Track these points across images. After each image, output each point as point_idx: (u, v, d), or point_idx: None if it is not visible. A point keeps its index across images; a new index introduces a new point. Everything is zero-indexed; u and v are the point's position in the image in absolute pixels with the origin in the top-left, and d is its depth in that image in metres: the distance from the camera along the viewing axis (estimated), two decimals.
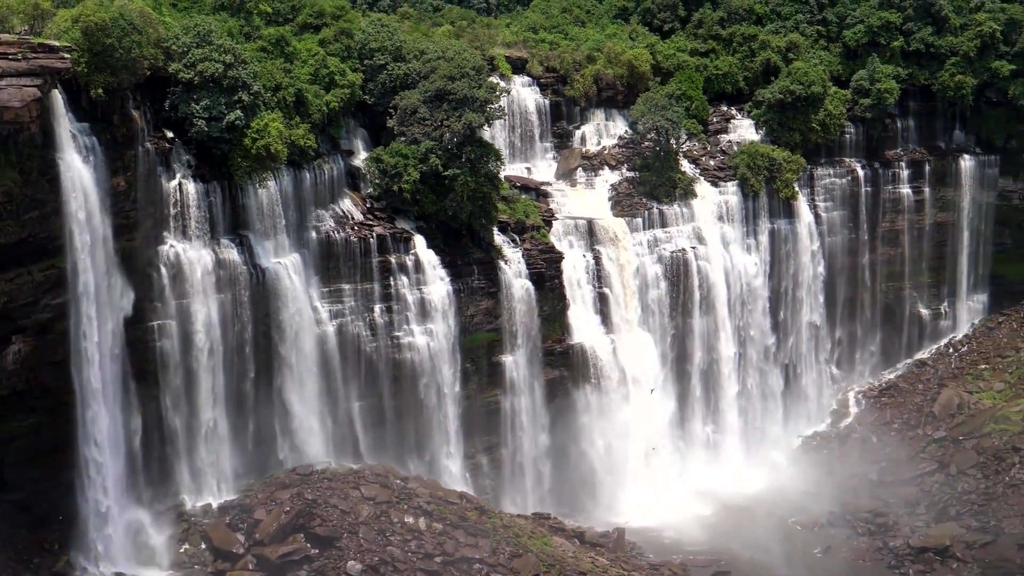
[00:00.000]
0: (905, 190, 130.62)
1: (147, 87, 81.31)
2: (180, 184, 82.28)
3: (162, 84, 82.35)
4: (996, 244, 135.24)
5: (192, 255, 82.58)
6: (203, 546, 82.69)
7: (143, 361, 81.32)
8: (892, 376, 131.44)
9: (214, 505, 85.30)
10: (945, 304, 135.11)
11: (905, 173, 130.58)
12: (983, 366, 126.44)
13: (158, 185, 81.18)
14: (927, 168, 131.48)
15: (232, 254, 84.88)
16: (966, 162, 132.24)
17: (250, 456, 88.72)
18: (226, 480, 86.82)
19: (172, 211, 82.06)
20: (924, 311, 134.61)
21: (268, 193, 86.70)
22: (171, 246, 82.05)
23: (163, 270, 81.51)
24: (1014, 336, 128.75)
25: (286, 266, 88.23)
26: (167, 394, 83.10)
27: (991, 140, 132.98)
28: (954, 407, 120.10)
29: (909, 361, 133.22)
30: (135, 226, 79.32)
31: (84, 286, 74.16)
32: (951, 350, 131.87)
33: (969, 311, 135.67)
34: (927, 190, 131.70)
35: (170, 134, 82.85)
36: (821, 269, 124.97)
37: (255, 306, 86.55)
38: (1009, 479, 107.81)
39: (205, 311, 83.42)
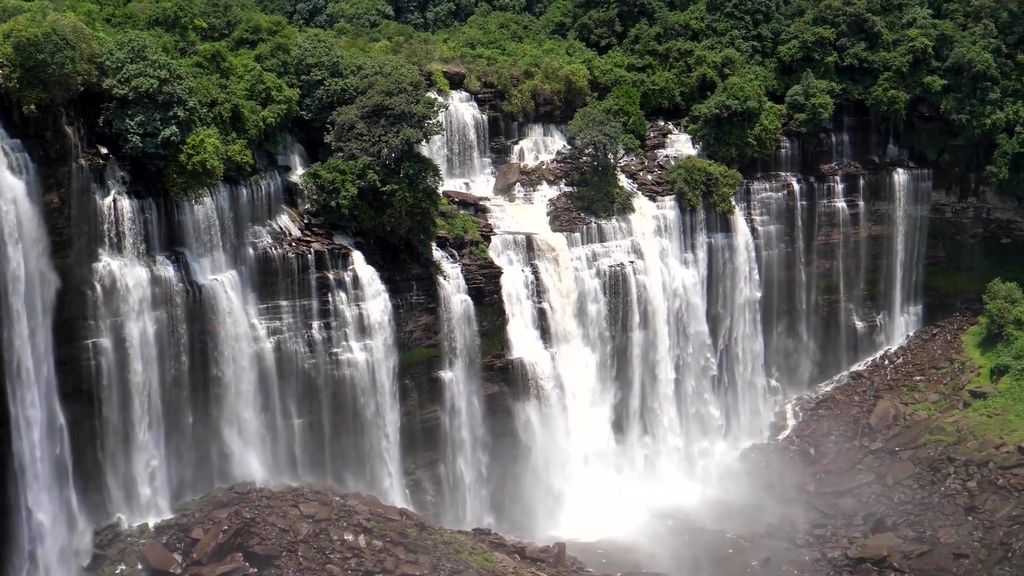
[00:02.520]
0: (840, 204, 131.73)
1: (81, 103, 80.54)
2: (115, 200, 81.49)
3: (96, 100, 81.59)
4: (929, 257, 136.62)
5: (127, 272, 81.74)
6: (139, 566, 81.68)
7: (77, 380, 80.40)
8: (829, 388, 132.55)
9: (151, 525, 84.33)
10: (880, 316, 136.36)
11: (840, 187, 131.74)
12: (918, 377, 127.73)
13: (92, 202, 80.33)
14: (861, 182, 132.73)
15: (168, 271, 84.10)
16: (900, 176, 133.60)
17: (187, 475, 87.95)
18: (163, 499, 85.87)
19: (106, 228, 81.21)
20: (860, 323, 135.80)
21: (204, 209, 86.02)
22: (105, 263, 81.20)
23: (97, 287, 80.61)
24: (948, 348, 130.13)
25: (223, 283, 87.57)
26: (102, 413, 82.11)
27: (924, 154, 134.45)
28: (890, 418, 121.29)
29: (845, 373, 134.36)
30: (69, 243, 78.38)
31: (17, 303, 73.14)
32: (887, 362, 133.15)
33: (904, 323, 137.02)
34: (862, 204, 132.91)
35: (104, 150, 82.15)
36: (758, 282, 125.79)
37: (191, 323, 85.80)
38: (944, 489, 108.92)
39: (140, 329, 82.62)
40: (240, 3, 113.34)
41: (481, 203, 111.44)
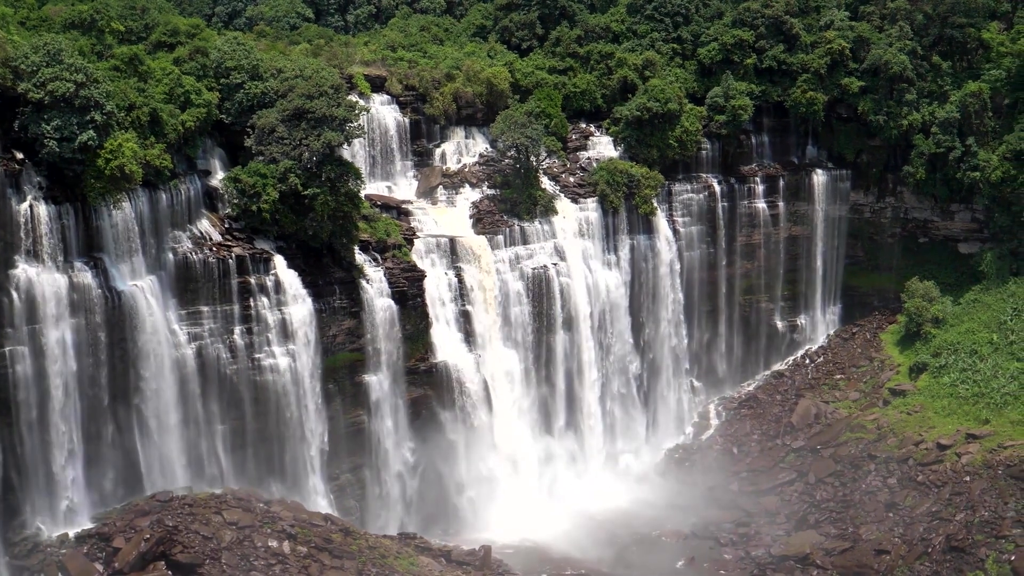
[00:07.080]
0: (760, 205, 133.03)
1: None
2: (31, 206, 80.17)
3: (11, 104, 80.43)
4: (848, 256, 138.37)
5: (44, 279, 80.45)
6: None
7: None
8: (751, 387, 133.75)
9: (71, 535, 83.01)
10: (801, 316, 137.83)
11: (760, 188, 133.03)
12: (838, 376, 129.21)
13: (8, 208, 79.02)
14: (781, 183, 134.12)
15: (86, 277, 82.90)
16: (819, 177, 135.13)
17: (108, 483, 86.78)
18: (83, 508, 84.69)
19: (23, 234, 79.85)
20: (780, 323, 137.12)
21: (123, 215, 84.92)
22: (22, 270, 79.83)
23: (14, 295, 79.32)
24: (867, 346, 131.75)
25: (143, 289, 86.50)
26: (21, 422, 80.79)
27: (842, 155, 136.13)
28: (811, 417, 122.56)
29: (767, 372, 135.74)
30: None
31: None
32: (807, 361, 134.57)
33: (824, 322, 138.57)
34: (782, 204, 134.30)
35: (20, 155, 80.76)
36: (680, 284, 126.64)
37: (111, 330, 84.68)
38: (865, 486, 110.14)
39: (59, 336, 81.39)
40: (157, 6, 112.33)
41: (404, 206, 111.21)
